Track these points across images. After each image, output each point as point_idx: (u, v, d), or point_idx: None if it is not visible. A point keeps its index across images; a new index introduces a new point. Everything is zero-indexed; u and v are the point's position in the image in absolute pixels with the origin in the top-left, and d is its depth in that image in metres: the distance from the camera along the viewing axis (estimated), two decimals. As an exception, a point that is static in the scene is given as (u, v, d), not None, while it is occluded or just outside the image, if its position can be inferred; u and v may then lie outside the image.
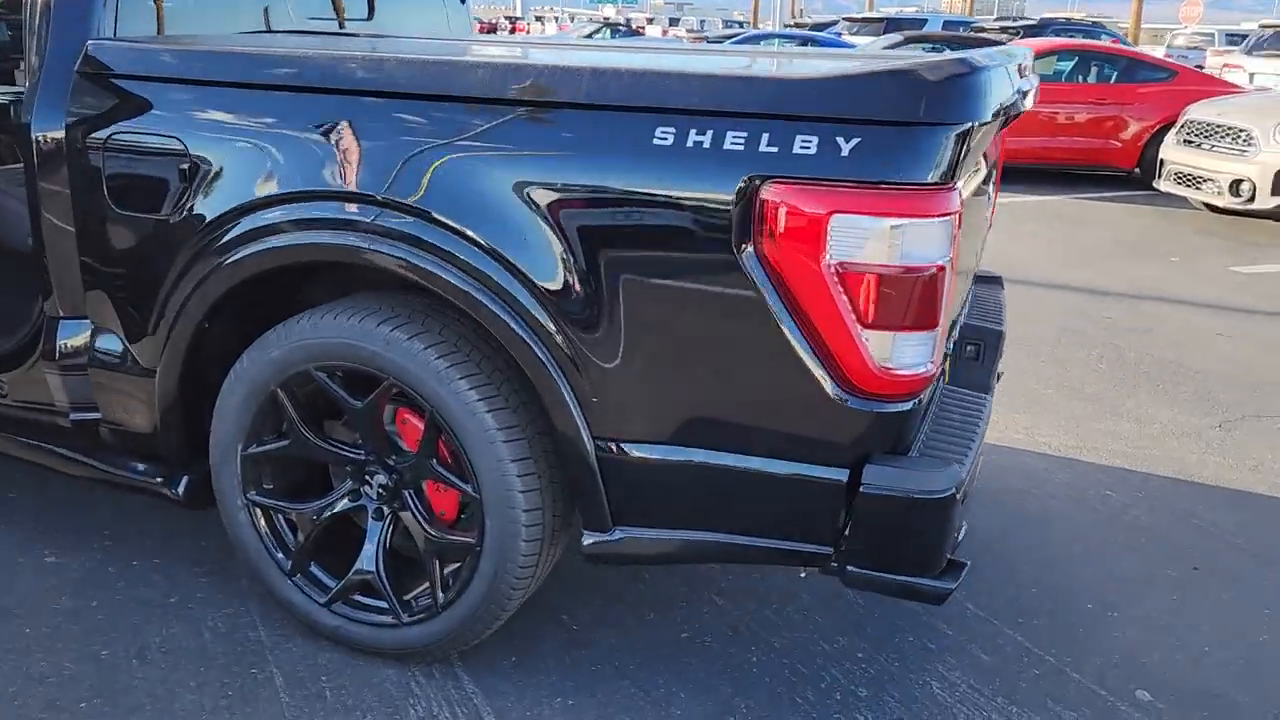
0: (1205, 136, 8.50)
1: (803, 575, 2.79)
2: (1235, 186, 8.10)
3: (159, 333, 2.34)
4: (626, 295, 1.96)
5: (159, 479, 2.50)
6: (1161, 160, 8.90)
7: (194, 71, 2.23)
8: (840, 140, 1.81)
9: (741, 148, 1.86)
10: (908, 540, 1.99)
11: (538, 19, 47.35)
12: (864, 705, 2.31)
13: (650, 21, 41.94)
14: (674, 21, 43.18)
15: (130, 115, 2.26)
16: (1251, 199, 8.02)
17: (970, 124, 1.83)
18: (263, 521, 2.40)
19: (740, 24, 43.05)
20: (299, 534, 2.40)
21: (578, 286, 1.97)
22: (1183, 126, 8.77)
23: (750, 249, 1.87)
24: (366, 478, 2.32)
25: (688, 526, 2.10)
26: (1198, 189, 8.49)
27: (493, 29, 36.15)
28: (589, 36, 26.50)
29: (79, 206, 2.33)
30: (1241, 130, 8.16)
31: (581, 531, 2.16)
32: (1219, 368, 4.84)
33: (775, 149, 1.84)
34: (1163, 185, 8.87)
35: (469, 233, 2.01)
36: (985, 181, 2.72)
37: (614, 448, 2.06)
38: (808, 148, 1.83)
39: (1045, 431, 3.95)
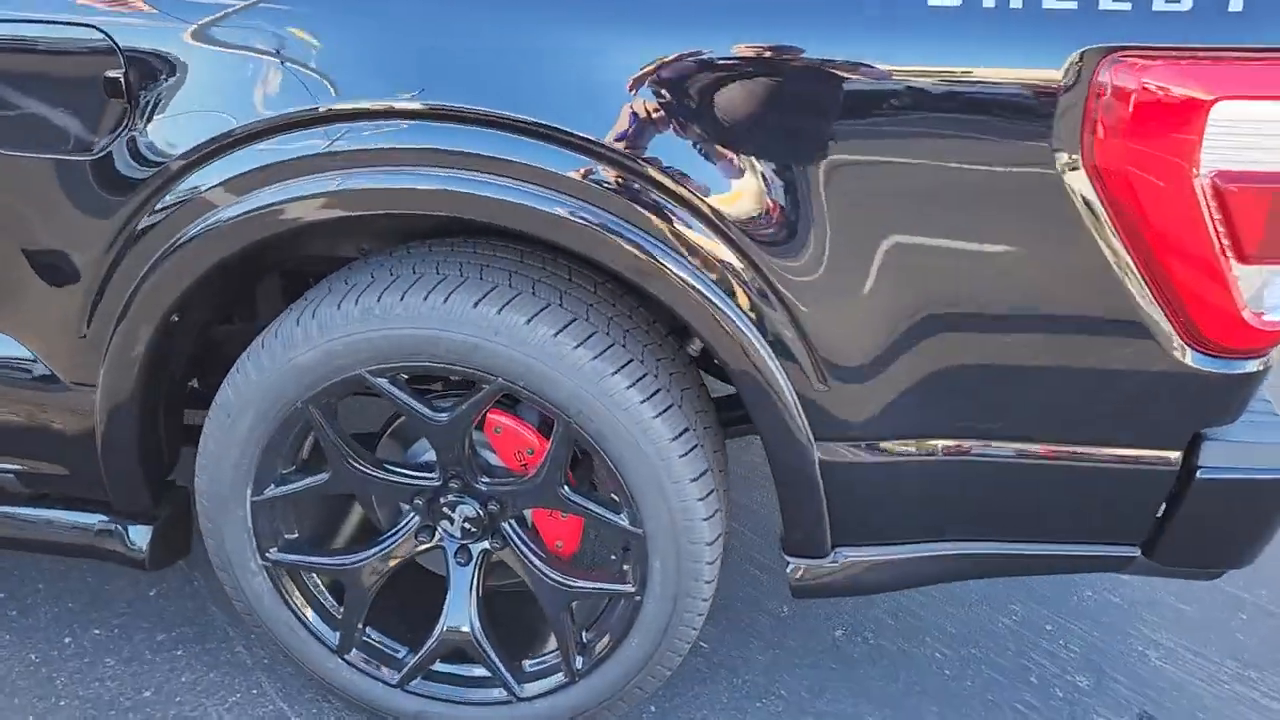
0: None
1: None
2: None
3: (94, 332, 1.52)
4: (876, 230, 1.32)
5: (106, 531, 1.72)
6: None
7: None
8: (1229, -13, 1.21)
9: (1072, 6, 1.23)
10: (1241, 531, 1.51)
11: None
12: (1093, 699, 1.88)
13: None
14: None
15: (3, -8, 1.38)
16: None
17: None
18: (292, 587, 1.68)
19: None
20: (357, 596, 1.68)
21: (797, 219, 1.32)
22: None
23: (1075, 157, 1.26)
24: (445, 510, 1.62)
25: (938, 538, 1.55)
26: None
27: None
28: None
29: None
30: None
31: (786, 561, 1.58)
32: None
33: (1126, 6, 1.22)
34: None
35: (615, 147, 1.31)
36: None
37: (847, 449, 1.46)
38: (1177, 0, 1.23)
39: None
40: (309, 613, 1.69)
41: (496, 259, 1.50)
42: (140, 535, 1.71)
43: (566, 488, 1.53)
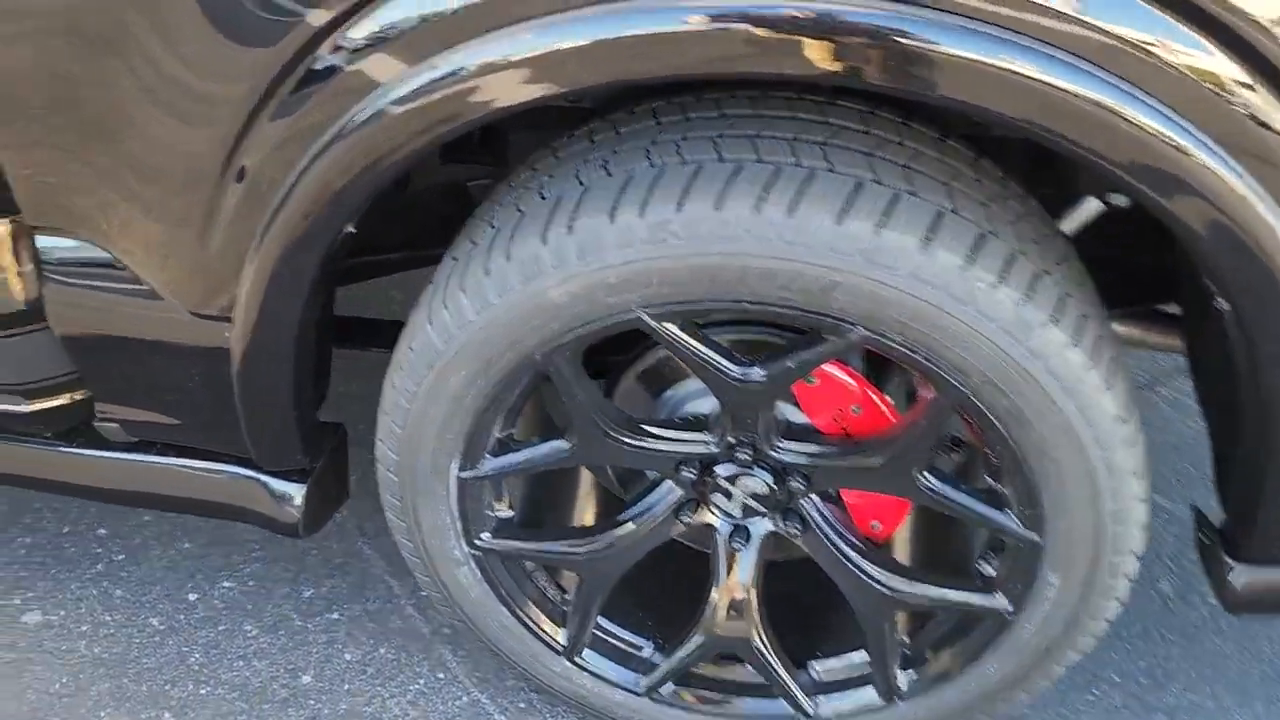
0: None
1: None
2: None
3: (222, 246, 1.02)
4: None
5: (244, 486, 1.27)
6: None
7: None
8: None
9: None
10: None
11: None
12: None
13: None
14: None
15: None
16: None
17: None
18: (506, 577, 1.23)
19: None
20: (593, 588, 1.23)
21: None
22: None
23: None
24: (721, 483, 1.15)
25: None
26: None
27: None
28: None
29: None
30: None
31: (1227, 564, 1.10)
32: None
33: None
34: None
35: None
36: None
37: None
38: None
39: None
40: (528, 607, 1.25)
41: (839, 129, 0.95)
42: (292, 491, 1.27)
43: (931, 474, 1.05)
